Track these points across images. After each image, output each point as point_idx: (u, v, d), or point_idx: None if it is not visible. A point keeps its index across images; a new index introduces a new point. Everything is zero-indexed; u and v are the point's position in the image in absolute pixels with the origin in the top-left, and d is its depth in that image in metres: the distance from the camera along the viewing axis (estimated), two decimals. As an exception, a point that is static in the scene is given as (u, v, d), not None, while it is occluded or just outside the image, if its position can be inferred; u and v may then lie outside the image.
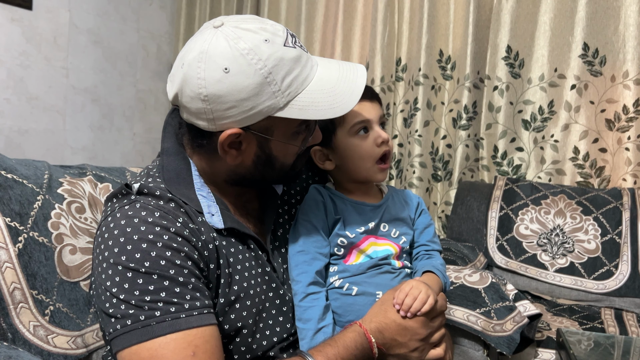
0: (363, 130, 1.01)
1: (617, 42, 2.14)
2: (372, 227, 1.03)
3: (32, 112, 2.70)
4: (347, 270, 1.00)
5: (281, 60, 0.80)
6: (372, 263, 1.01)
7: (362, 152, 1.01)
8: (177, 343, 0.74)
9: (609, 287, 1.91)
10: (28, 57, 2.65)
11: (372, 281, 1.00)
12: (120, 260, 0.77)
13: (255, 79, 0.79)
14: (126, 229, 0.79)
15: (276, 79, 0.80)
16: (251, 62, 0.79)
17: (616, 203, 2.02)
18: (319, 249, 0.99)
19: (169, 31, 3.39)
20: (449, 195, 2.53)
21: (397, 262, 1.04)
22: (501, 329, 1.42)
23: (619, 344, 1.40)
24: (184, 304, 0.77)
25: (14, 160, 1.14)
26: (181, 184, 0.89)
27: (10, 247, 1.01)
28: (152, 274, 0.76)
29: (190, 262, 0.80)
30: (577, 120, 2.23)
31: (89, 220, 1.19)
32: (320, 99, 0.84)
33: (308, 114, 0.83)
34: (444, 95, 2.54)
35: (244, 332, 0.89)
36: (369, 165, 1.02)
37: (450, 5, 2.48)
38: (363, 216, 1.04)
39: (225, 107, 0.81)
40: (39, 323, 1.01)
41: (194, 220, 0.85)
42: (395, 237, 1.06)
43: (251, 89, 0.80)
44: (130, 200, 0.84)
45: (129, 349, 0.74)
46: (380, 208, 1.06)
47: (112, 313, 0.76)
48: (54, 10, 2.74)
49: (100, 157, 3.04)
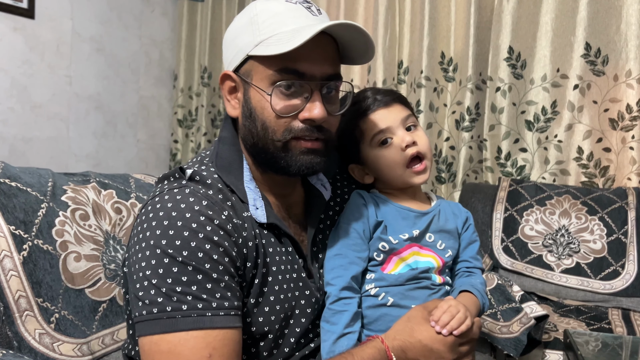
0: (384, 140, 0.98)
1: (619, 41, 2.13)
2: (416, 235, 0.98)
3: (36, 120, 2.71)
4: (385, 279, 0.96)
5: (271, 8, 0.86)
6: (411, 275, 0.95)
7: (389, 160, 0.98)
8: (197, 341, 0.75)
9: (615, 287, 1.90)
10: (31, 65, 2.67)
11: (409, 294, 0.95)
12: (160, 243, 0.78)
13: (244, 20, 0.87)
14: (172, 213, 0.79)
15: (259, 19, 0.85)
16: (248, 9, 0.88)
17: (621, 202, 2.01)
18: (358, 252, 0.95)
19: (171, 38, 3.40)
20: (453, 197, 2.53)
21: (438, 278, 0.98)
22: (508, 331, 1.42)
23: (626, 345, 1.39)
24: (212, 302, 0.77)
25: (18, 169, 1.15)
26: (232, 173, 0.89)
27: (15, 255, 1.01)
28: (188, 265, 0.77)
29: (227, 259, 0.80)
30: (581, 120, 2.22)
31: (93, 228, 1.19)
32: (285, 36, 0.82)
33: (268, 49, 0.82)
34: (447, 97, 2.54)
35: (269, 336, 0.87)
36: (400, 172, 0.99)
37: (451, 7, 2.48)
38: (408, 221, 0.99)
39: (226, 50, 0.92)
40: (45, 331, 1.01)
41: (238, 215, 0.85)
42: (441, 250, 1.00)
43: (239, 28, 0.88)
44: (180, 185, 0.85)
45: (150, 337, 0.76)
46: (428, 216, 1.01)
47: (141, 296, 0.77)
48: (56, 19, 2.75)
49: (104, 164, 3.05)
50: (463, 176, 2.49)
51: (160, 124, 3.39)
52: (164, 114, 3.41)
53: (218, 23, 3.29)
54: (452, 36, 2.49)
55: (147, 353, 0.77)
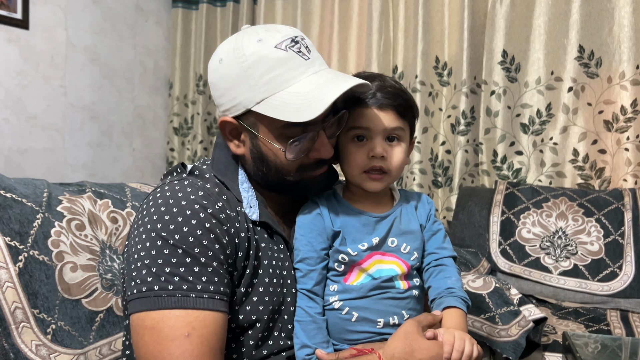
0: (357, 137, 0.95)
1: (612, 43, 2.15)
2: (376, 243, 0.94)
3: (32, 131, 2.71)
4: (348, 292, 0.93)
5: (263, 58, 0.85)
6: (374, 285, 0.93)
7: (352, 158, 0.95)
8: (177, 320, 0.78)
9: (613, 288, 1.90)
10: (26, 76, 2.66)
11: (374, 307, 0.93)
12: (155, 227, 0.83)
13: (236, 70, 0.86)
14: (169, 201, 0.85)
15: (254, 74, 0.85)
16: (237, 55, 0.87)
17: (618, 204, 2.02)
18: (313, 266, 0.93)
19: (166, 47, 3.40)
20: (450, 201, 2.53)
21: (402, 284, 0.95)
22: (506, 334, 1.42)
23: (625, 346, 1.39)
24: (197, 285, 0.80)
25: (13, 180, 1.14)
26: (227, 175, 0.95)
27: (11, 266, 1.01)
28: (178, 248, 0.81)
29: (218, 246, 0.84)
30: (576, 122, 2.23)
31: (89, 237, 1.18)
32: (292, 101, 0.84)
33: (277, 113, 0.84)
34: (442, 102, 2.55)
35: (257, 326, 0.90)
36: (356, 173, 0.96)
37: (444, 12, 2.49)
38: (368, 227, 0.95)
39: (218, 94, 0.91)
40: (41, 342, 1.01)
41: (232, 208, 0.90)
42: (406, 253, 0.96)
43: (233, 78, 0.87)
44: (181, 178, 0.92)
45: (137, 314, 0.80)
46: (388, 219, 0.97)
47: (134, 276, 0.82)
48: (50, 30, 2.75)
49: (100, 174, 3.04)
50: (459, 180, 2.49)
51: (156, 133, 3.38)
52: (160, 123, 3.41)
53: (212, 31, 3.29)
54: (446, 40, 2.50)
55: (134, 329, 0.81)
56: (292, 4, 3.00)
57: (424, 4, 2.49)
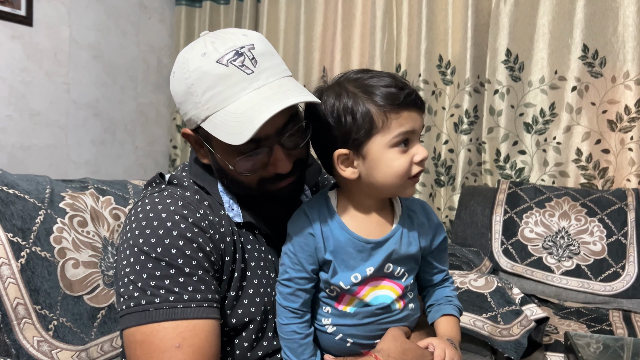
0: (404, 143, 0.83)
1: (616, 42, 2.14)
2: (371, 274, 0.87)
3: (35, 128, 2.71)
4: (342, 317, 0.89)
5: (204, 75, 0.81)
6: (369, 312, 0.89)
7: (397, 168, 0.83)
8: (167, 332, 0.78)
9: (616, 288, 1.90)
10: (29, 73, 2.67)
11: (369, 334, 0.90)
12: (138, 242, 0.82)
13: (182, 86, 0.84)
14: (149, 214, 0.85)
15: (197, 91, 0.82)
16: (183, 71, 0.84)
17: (621, 204, 2.01)
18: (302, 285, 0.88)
19: (169, 44, 3.40)
20: (453, 200, 2.52)
21: (398, 304, 0.91)
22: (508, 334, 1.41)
23: (628, 346, 1.38)
24: (184, 295, 0.80)
25: (16, 176, 1.15)
26: (206, 180, 0.93)
27: (13, 262, 1.01)
28: (161, 261, 0.81)
29: (202, 254, 0.83)
30: (579, 122, 2.22)
31: (92, 234, 1.19)
32: (229, 121, 0.80)
33: (218, 132, 0.80)
34: (445, 100, 2.54)
35: (250, 327, 0.90)
36: (401, 182, 0.85)
37: (448, 11, 2.48)
38: (362, 255, 0.87)
39: (176, 106, 0.90)
40: (43, 338, 1.01)
41: (215, 213, 0.89)
42: (399, 276, 0.90)
43: (181, 94, 0.85)
44: (160, 189, 0.91)
45: (128, 330, 0.80)
46: (386, 247, 0.88)
47: (121, 292, 0.82)
48: (54, 27, 2.75)
49: (103, 171, 3.05)
50: (462, 179, 2.49)
51: (158, 130, 3.39)
52: (163, 120, 3.41)
53: (216, 28, 3.25)
54: (449, 39, 2.50)
55: (127, 344, 0.81)
56: (296, 3, 3.00)
57: (427, 3, 2.48)
